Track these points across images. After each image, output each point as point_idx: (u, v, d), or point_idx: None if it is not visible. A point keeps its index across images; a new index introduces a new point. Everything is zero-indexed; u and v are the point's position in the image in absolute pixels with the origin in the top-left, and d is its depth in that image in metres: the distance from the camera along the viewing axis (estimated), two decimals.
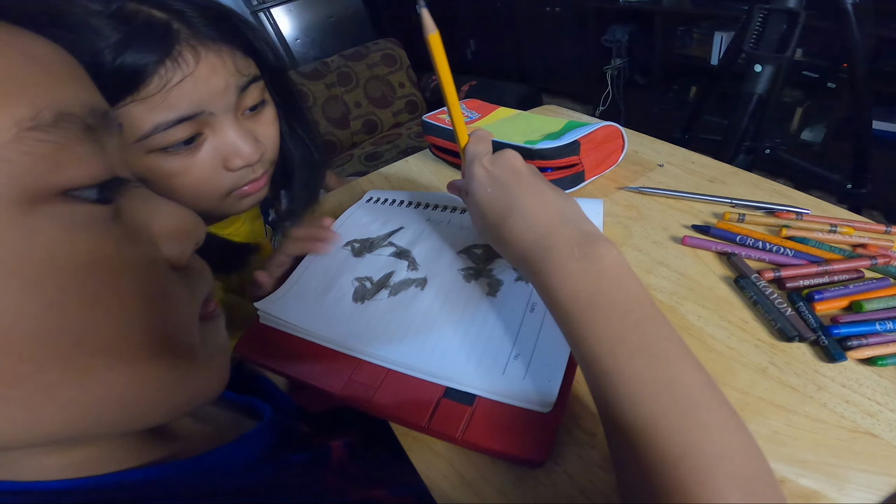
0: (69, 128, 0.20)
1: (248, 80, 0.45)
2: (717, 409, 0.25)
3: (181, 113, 0.40)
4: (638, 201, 0.55)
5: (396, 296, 0.43)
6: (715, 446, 0.23)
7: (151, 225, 0.24)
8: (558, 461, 0.33)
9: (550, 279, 0.30)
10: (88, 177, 0.20)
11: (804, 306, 0.39)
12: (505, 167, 0.37)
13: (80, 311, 0.19)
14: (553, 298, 0.30)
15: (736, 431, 0.24)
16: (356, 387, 0.37)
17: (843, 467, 0.31)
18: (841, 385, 0.35)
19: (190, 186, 0.44)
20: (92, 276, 0.20)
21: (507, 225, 0.34)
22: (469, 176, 0.38)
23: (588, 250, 0.30)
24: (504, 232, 0.34)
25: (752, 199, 0.51)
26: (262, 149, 0.48)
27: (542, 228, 0.33)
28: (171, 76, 0.38)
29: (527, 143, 0.57)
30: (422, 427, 0.34)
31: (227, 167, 0.46)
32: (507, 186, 0.35)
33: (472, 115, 0.72)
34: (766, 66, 1.06)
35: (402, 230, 0.52)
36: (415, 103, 2.17)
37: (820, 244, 0.45)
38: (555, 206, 0.34)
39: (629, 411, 0.25)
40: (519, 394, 0.34)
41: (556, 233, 0.32)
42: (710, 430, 0.24)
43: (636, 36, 2.33)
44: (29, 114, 0.18)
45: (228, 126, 0.44)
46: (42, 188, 0.19)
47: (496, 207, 0.35)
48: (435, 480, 0.34)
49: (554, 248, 0.31)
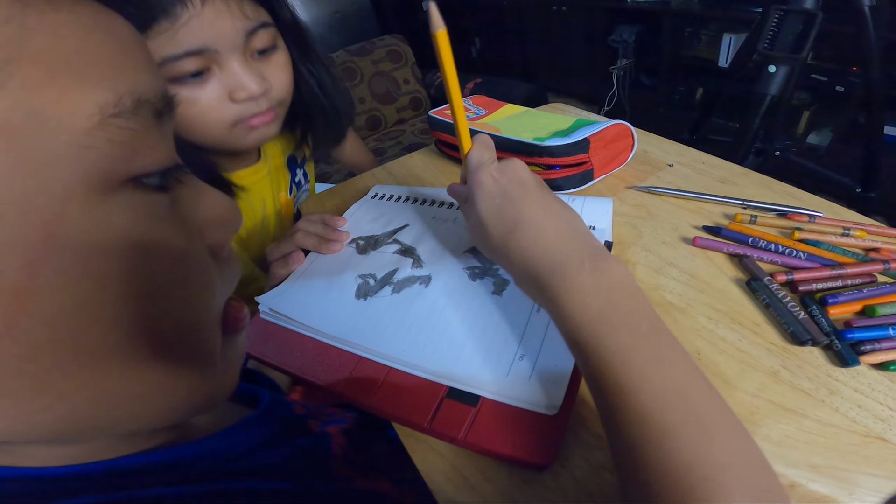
0: (144, 114, 0.19)
1: (255, 25, 0.50)
2: (726, 421, 0.25)
3: (188, 48, 0.46)
4: (647, 201, 0.54)
5: (400, 293, 0.42)
6: (726, 456, 0.24)
7: (197, 211, 0.24)
8: (564, 464, 0.33)
9: (560, 292, 0.31)
10: (157, 164, 0.20)
11: (818, 310, 0.38)
12: (513, 178, 0.36)
13: (138, 302, 0.19)
14: (563, 311, 0.30)
15: (745, 442, 0.25)
16: (357, 384, 0.37)
17: (854, 472, 0.30)
18: (853, 389, 0.34)
19: (198, 115, 0.50)
20: (155, 266, 0.20)
21: (515, 237, 0.34)
22: (474, 183, 0.37)
23: (598, 265, 0.31)
24: (511, 244, 0.34)
25: (763, 200, 0.50)
26: (266, 85, 0.53)
27: (551, 242, 0.33)
28: (180, 15, 0.44)
29: (535, 139, 0.57)
30: (423, 427, 0.34)
31: (231, 98, 0.51)
32: (515, 199, 0.35)
33: (478, 111, 0.72)
34: (781, 67, 1.06)
35: (408, 227, 0.51)
36: (419, 100, 2.16)
37: (833, 248, 0.44)
38: (564, 219, 0.34)
39: (641, 421, 0.25)
40: (524, 395, 0.33)
41: (566, 247, 0.33)
42: (720, 440, 0.24)
43: (643, 36, 2.32)
44: (112, 99, 0.18)
45: (235, 63, 0.50)
46: (117, 175, 0.18)
47: (504, 220, 0.35)
48: (437, 482, 0.33)
49: (564, 262, 0.32)
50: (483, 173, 0.37)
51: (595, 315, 0.29)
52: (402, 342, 0.38)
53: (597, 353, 0.28)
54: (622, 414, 0.26)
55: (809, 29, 0.98)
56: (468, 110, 0.72)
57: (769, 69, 1.07)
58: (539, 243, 0.33)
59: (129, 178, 0.19)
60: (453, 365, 0.36)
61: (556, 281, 0.31)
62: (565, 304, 0.30)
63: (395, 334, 0.39)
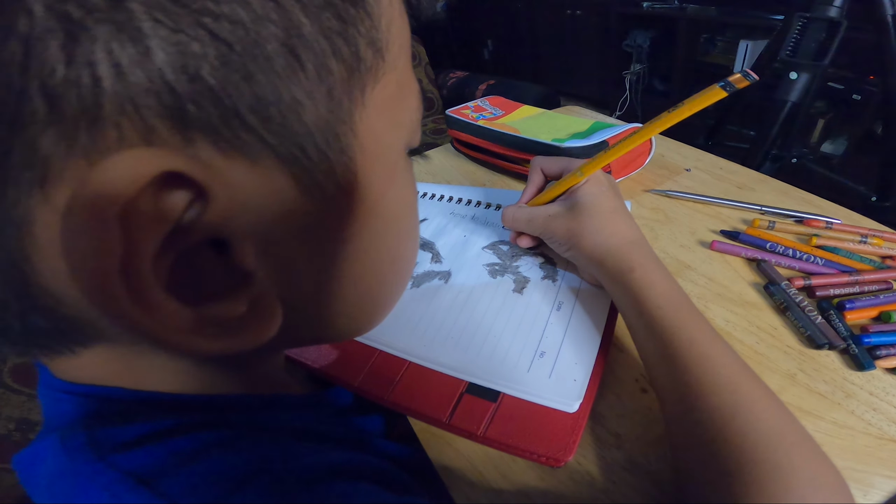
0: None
1: None
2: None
3: None
4: (665, 205, 0.55)
5: (419, 287, 0.43)
6: (803, 430, 0.27)
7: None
8: (580, 461, 0.33)
9: (652, 271, 0.34)
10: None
11: (835, 315, 0.39)
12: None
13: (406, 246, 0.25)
14: (655, 288, 0.33)
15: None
16: (375, 379, 0.37)
17: (869, 473, 0.31)
18: (868, 393, 0.35)
19: None
20: (411, 225, 0.25)
21: (616, 218, 0.38)
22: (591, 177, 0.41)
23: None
24: (611, 223, 0.38)
25: (781, 206, 0.51)
26: None
27: (636, 231, 0.38)
28: None
29: (554, 140, 0.57)
30: (442, 423, 0.34)
31: None
32: (616, 190, 0.41)
33: (495, 111, 0.72)
34: (802, 74, 1.06)
35: (426, 221, 0.52)
36: (431, 100, 2.16)
37: (850, 254, 0.44)
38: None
39: (733, 389, 0.28)
40: (545, 392, 0.33)
41: (643, 238, 0.38)
42: (788, 413, 0.28)
43: (658, 41, 2.31)
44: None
45: None
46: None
47: (611, 200, 0.39)
48: (453, 478, 0.33)
49: (647, 249, 0.37)
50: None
51: (679, 296, 0.33)
52: (422, 337, 0.38)
53: (687, 327, 0.31)
54: (711, 384, 0.28)
55: (833, 37, 0.98)
56: (484, 110, 0.72)
57: (790, 76, 1.07)
58: (631, 229, 0.38)
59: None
60: (474, 360, 0.36)
61: (647, 261, 0.35)
62: (658, 282, 0.34)
63: (415, 329, 0.39)
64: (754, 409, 0.27)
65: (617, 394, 0.36)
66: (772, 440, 0.26)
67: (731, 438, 0.26)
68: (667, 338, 0.31)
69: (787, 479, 0.24)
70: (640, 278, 0.34)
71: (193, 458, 0.19)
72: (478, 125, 0.66)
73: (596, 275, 0.38)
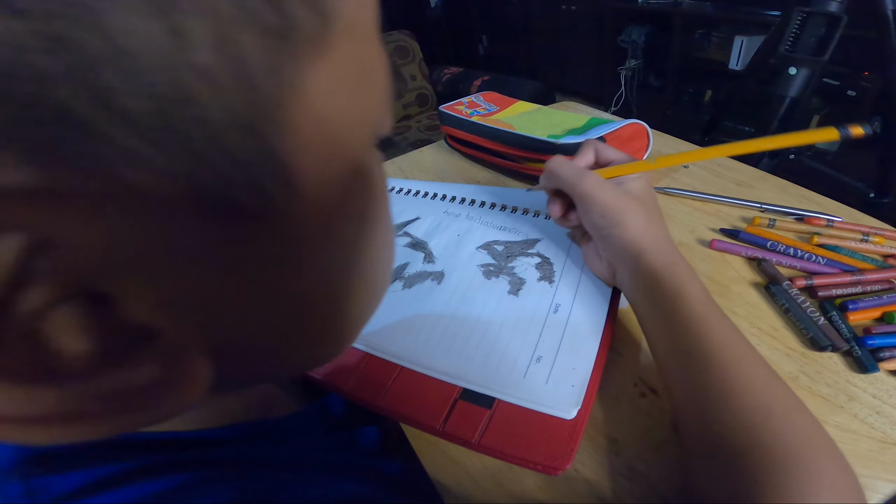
0: None
1: None
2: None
3: None
4: (663, 202, 0.53)
5: (411, 288, 0.42)
6: (823, 432, 0.27)
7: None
8: (578, 468, 0.32)
9: (686, 272, 0.34)
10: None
11: (837, 316, 0.38)
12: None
13: (375, 262, 0.20)
14: (696, 284, 0.33)
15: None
16: (366, 384, 0.35)
17: (872, 477, 0.31)
18: (872, 396, 0.34)
19: None
20: (380, 229, 0.20)
21: (660, 217, 0.38)
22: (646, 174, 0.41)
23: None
24: (659, 219, 0.38)
25: (781, 204, 0.50)
26: None
27: (667, 233, 0.38)
28: None
29: (550, 136, 0.56)
30: (436, 430, 0.32)
31: None
32: (653, 190, 0.41)
33: (489, 107, 0.71)
34: (801, 70, 1.06)
35: (418, 220, 0.50)
36: (426, 96, 2.15)
37: (853, 253, 0.43)
38: None
39: (768, 390, 0.28)
40: (541, 398, 0.32)
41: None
42: (815, 419, 0.28)
43: (653, 37, 2.30)
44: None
45: None
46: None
47: (652, 198, 0.39)
48: (448, 486, 0.33)
49: (679, 252, 0.36)
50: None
51: (710, 297, 0.33)
52: (413, 341, 0.37)
53: (721, 327, 0.31)
54: (747, 385, 0.28)
55: (833, 32, 0.97)
56: (478, 106, 0.71)
57: (789, 71, 1.06)
58: (665, 230, 0.38)
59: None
60: (468, 365, 0.35)
61: (680, 260, 0.35)
62: (693, 282, 0.33)
63: (406, 332, 0.38)
64: (788, 412, 0.27)
65: (615, 398, 0.35)
66: (802, 444, 0.26)
67: (763, 439, 0.26)
68: (703, 334, 0.31)
69: (813, 485, 0.24)
70: (684, 272, 0.34)
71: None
72: (472, 121, 0.65)
73: (621, 266, 0.36)
